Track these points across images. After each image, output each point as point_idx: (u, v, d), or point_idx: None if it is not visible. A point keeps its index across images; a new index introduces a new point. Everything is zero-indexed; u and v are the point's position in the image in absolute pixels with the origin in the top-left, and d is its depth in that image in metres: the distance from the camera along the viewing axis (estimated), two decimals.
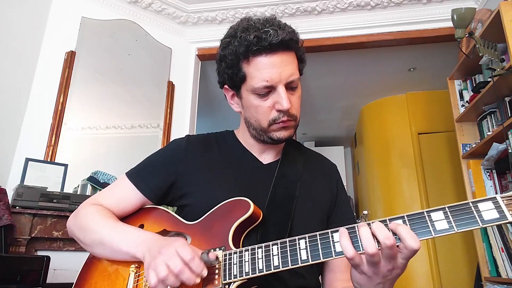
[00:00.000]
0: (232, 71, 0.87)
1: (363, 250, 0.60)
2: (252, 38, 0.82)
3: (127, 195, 0.94)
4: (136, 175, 0.96)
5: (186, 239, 0.83)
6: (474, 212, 0.57)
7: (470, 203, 0.58)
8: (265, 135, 0.90)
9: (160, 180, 0.94)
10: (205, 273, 0.69)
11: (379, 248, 0.60)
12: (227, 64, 0.88)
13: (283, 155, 0.99)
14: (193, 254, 0.69)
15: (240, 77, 0.87)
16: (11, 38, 2.26)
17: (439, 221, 0.59)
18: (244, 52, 0.84)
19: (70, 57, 2.55)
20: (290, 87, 0.86)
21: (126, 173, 0.98)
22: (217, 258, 0.73)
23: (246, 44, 0.83)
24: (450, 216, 0.58)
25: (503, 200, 0.56)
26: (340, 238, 0.62)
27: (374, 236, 0.60)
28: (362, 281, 0.65)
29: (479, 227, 0.56)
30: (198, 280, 0.68)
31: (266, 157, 0.98)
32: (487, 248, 2.26)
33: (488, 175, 2.39)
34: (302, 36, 0.92)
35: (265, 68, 0.83)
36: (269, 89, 0.85)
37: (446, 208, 0.59)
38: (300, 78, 0.90)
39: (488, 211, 0.56)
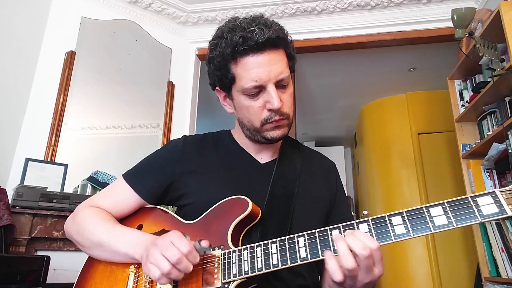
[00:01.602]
0: (221, 72, 0.87)
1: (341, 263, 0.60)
2: (238, 39, 0.81)
3: (124, 196, 0.94)
4: (133, 177, 0.96)
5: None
6: (473, 207, 0.56)
7: (469, 198, 0.57)
8: (258, 135, 0.90)
9: (157, 181, 0.94)
10: (197, 260, 0.71)
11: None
12: (215, 66, 0.88)
13: (280, 154, 0.98)
14: (190, 246, 0.69)
15: (229, 79, 0.86)
16: (11, 38, 2.26)
17: (438, 216, 0.58)
18: (231, 53, 0.83)
19: (70, 57, 2.55)
20: (280, 85, 0.85)
21: (122, 175, 0.97)
22: (210, 246, 0.73)
23: (233, 45, 0.82)
24: (449, 212, 0.58)
25: (502, 195, 0.55)
26: (328, 260, 0.62)
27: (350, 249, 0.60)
28: None
29: (479, 222, 0.55)
30: (191, 268, 0.69)
31: (263, 157, 0.98)
32: (487, 248, 2.25)
33: (488, 175, 2.39)
34: (302, 36, 0.92)
35: (253, 68, 0.82)
36: (259, 89, 0.84)
37: (445, 204, 0.59)
38: (291, 76, 0.89)
39: (487, 206, 0.55)
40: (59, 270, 1.94)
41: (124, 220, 0.94)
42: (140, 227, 0.91)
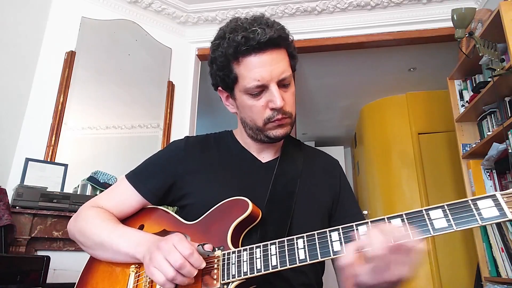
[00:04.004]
0: (224, 72, 0.87)
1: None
2: (240, 39, 0.81)
3: (126, 197, 0.95)
4: (136, 177, 0.96)
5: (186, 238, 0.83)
6: (474, 210, 0.56)
7: (470, 201, 0.57)
8: (261, 134, 0.90)
9: (160, 181, 0.94)
10: (203, 265, 0.70)
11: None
12: (218, 66, 0.88)
13: (282, 153, 0.99)
14: (192, 249, 0.69)
15: (232, 79, 0.87)
16: (11, 38, 2.26)
17: (438, 219, 0.57)
18: (233, 53, 0.83)
19: (70, 57, 2.55)
20: (282, 84, 0.86)
21: (125, 175, 0.98)
22: (213, 249, 0.73)
23: (235, 45, 0.82)
24: (449, 214, 0.57)
25: (503, 198, 0.54)
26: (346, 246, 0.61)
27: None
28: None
29: (479, 225, 0.55)
30: (195, 272, 0.69)
31: (265, 156, 0.98)
32: (487, 248, 2.26)
33: (488, 175, 2.39)
34: (302, 36, 0.93)
35: (256, 68, 0.83)
36: (261, 88, 0.84)
37: (445, 206, 0.58)
38: (293, 75, 0.89)
39: (487, 209, 0.55)
40: (59, 270, 1.94)
41: (125, 220, 0.94)
42: (141, 228, 0.91)
